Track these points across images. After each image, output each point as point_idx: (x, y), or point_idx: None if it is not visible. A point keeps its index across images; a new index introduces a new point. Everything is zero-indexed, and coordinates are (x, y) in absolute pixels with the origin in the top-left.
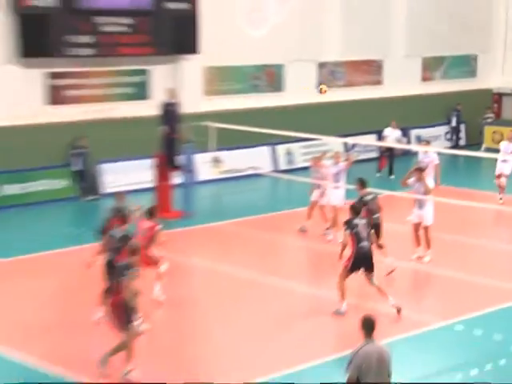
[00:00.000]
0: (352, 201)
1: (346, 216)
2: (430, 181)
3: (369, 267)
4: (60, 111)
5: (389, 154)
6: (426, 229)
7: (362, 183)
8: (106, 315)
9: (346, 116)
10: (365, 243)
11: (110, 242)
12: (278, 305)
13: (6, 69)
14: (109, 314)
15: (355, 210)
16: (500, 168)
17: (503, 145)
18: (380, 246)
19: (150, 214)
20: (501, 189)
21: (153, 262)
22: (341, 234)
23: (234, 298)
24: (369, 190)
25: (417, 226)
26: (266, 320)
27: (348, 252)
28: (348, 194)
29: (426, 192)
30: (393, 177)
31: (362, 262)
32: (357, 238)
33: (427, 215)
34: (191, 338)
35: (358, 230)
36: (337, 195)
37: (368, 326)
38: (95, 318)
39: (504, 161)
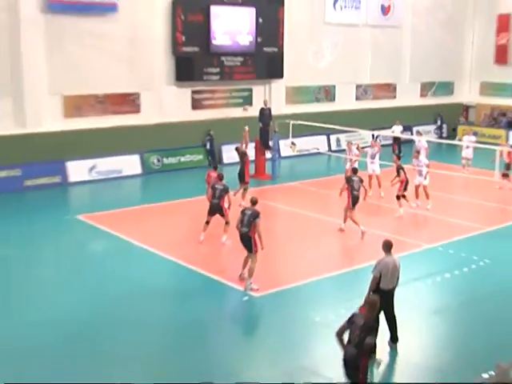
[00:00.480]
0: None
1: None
2: (423, 158)
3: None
4: (199, 113)
5: (397, 141)
6: (425, 187)
7: (354, 170)
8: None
9: (373, 117)
10: (356, 192)
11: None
12: (320, 230)
13: (169, 88)
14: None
15: (354, 171)
16: (465, 152)
17: (465, 138)
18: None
19: (221, 178)
20: (466, 165)
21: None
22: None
23: (301, 227)
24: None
25: (417, 186)
26: (317, 239)
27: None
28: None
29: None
30: (401, 154)
31: (355, 202)
32: (351, 189)
33: (424, 179)
34: (275, 249)
35: (353, 184)
36: (375, 167)
37: (387, 246)
38: (223, 241)
39: (467, 147)
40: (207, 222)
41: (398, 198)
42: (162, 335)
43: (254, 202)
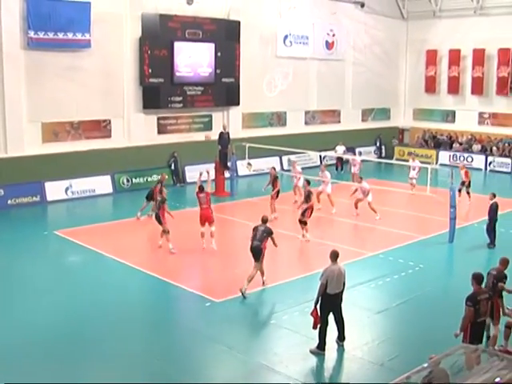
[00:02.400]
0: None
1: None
2: (364, 184)
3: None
4: (164, 137)
5: (340, 160)
6: (369, 203)
7: (308, 182)
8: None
9: (320, 140)
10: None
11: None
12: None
13: (137, 115)
14: None
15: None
16: (411, 174)
17: (410, 162)
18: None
19: (202, 189)
20: (412, 185)
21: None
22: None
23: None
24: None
25: (319, 193)
26: (272, 249)
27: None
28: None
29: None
30: (342, 171)
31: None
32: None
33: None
34: (235, 259)
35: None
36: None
37: (334, 255)
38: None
39: (413, 169)
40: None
41: (303, 223)
42: (132, 342)
43: (264, 221)
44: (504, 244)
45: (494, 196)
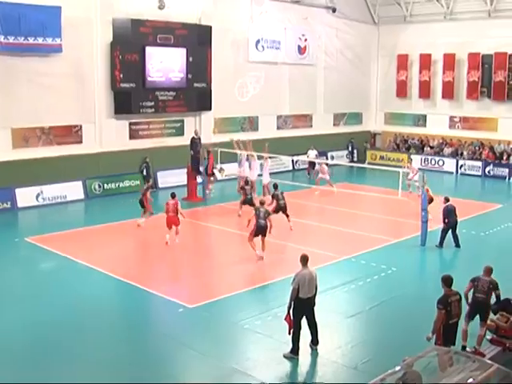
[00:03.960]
0: None
1: None
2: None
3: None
4: (136, 142)
5: (312, 164)
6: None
7: (275, 186)
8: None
9: (292, 144)
10: (262, 221)
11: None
12: (247, 246)
13: (109, 120)
14: None
15: (261, 202)
16: (410, 176)
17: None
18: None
19: (174, 196)
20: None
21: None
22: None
23: (231, 243)
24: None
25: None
26: (244, 253)
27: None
28: None
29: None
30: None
31: (260, 231)
32: (257, 217)
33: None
34: (207, 264)
35: (259, 213)
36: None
37: (304, 259)
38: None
39: (412, 172)
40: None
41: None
42: (104, 348)
43: (262, 203)
44: (472, 246)
45: (447, 200)
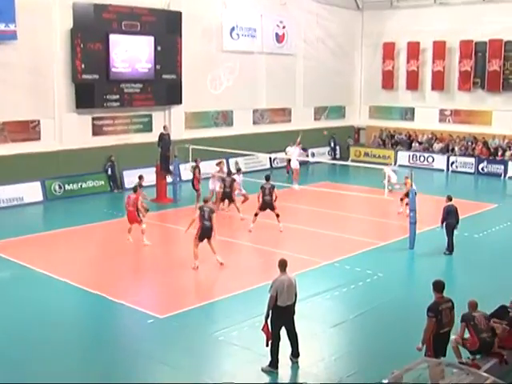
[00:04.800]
0: None
1: None
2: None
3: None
4: (100, 139)
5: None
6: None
7: (267, 177)
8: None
9: (270, 141)
10: (207, 222)
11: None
12: (221, 251)
13: (69, 115)
14: None
15: (205, 200)
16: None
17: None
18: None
19: (135, 190)
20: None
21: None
22: None
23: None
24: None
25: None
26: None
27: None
28: None
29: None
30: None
31: (205, 233)
32: (201, 218)
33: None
34: (178, 271)
35: (203, 213)
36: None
37: (282, 265)
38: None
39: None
40: None
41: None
42: (68, 362)
43: (206, 201)
44: (465, 249)
45: (450, 199)
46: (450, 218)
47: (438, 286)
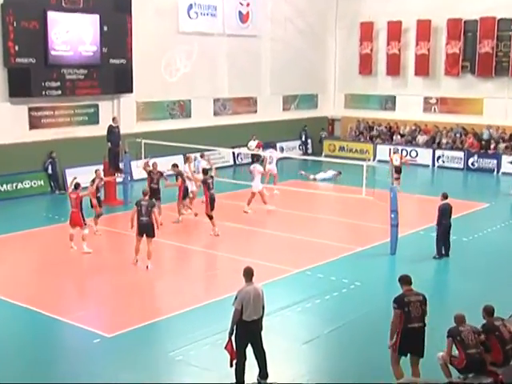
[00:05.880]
0: None
1: None
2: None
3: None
4: (38, 133)
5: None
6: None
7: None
8: None
9: (233, 134)
10: (144, 218)
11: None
12: (177, 259)
13: (2, 105)
14: None
15: (144, 193)
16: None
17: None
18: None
19: (76, 188)
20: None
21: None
22: None
23: (157, 258)
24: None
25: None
26: (175, 267)
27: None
28: None
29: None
30: None
31: (143, 230)
32: (139, 213)
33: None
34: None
35: (140, 208)
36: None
37: (247, 273)
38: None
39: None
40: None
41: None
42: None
43: (145, 193)
44: (453, 254)
45: (445, 197)
46: (445, 218)
47: (405, 279)
